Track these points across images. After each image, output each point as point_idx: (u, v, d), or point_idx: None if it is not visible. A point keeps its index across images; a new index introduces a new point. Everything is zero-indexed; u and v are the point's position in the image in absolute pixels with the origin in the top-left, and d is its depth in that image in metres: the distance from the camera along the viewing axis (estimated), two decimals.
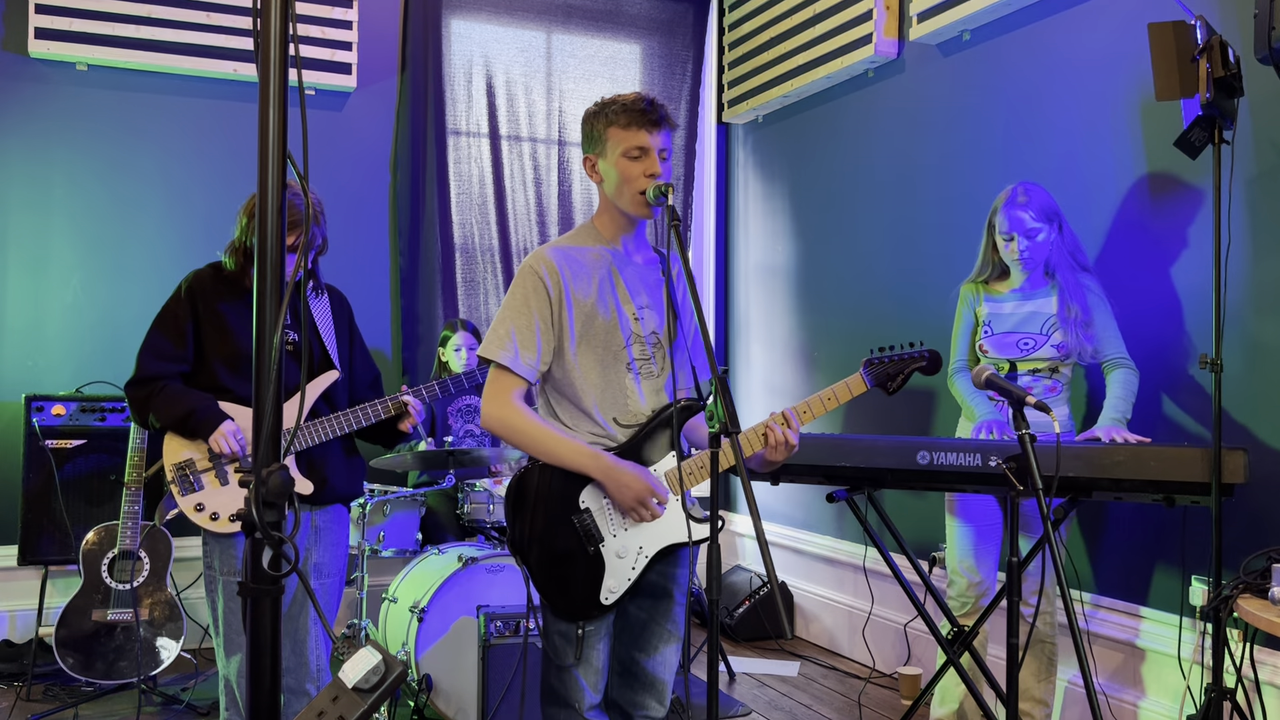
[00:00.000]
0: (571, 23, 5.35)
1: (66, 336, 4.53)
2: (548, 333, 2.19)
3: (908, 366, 2.37)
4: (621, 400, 2.23)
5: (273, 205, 1.31)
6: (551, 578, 2.16)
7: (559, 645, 2.19)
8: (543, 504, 2.16)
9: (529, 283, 2.19)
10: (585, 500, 2.17)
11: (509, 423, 2.17)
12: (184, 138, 4.70)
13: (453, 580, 3.44)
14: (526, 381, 2.19)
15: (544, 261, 2.20)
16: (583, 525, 2.16)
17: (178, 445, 2.70)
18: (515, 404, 2.18)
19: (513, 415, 2.17)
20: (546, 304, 2.19)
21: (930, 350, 2.39)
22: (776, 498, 5.10)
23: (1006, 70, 3.90)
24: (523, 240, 5.24)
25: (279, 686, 1.31)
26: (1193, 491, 2.62)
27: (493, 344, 2.19)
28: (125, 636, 3.89)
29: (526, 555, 2.17)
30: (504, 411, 2.17)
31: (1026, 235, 3.06)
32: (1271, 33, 2.53)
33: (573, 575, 2.15)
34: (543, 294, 2.18)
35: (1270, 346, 3.02)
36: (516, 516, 2.19)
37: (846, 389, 2.31)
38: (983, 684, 3.10)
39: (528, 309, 2.18)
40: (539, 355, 2.19)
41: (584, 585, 2.16)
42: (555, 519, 2.16)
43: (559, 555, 2.15)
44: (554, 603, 2.17)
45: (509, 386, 2.18)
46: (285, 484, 1.27)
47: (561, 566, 2.15)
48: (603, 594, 2.17)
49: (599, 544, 2.17)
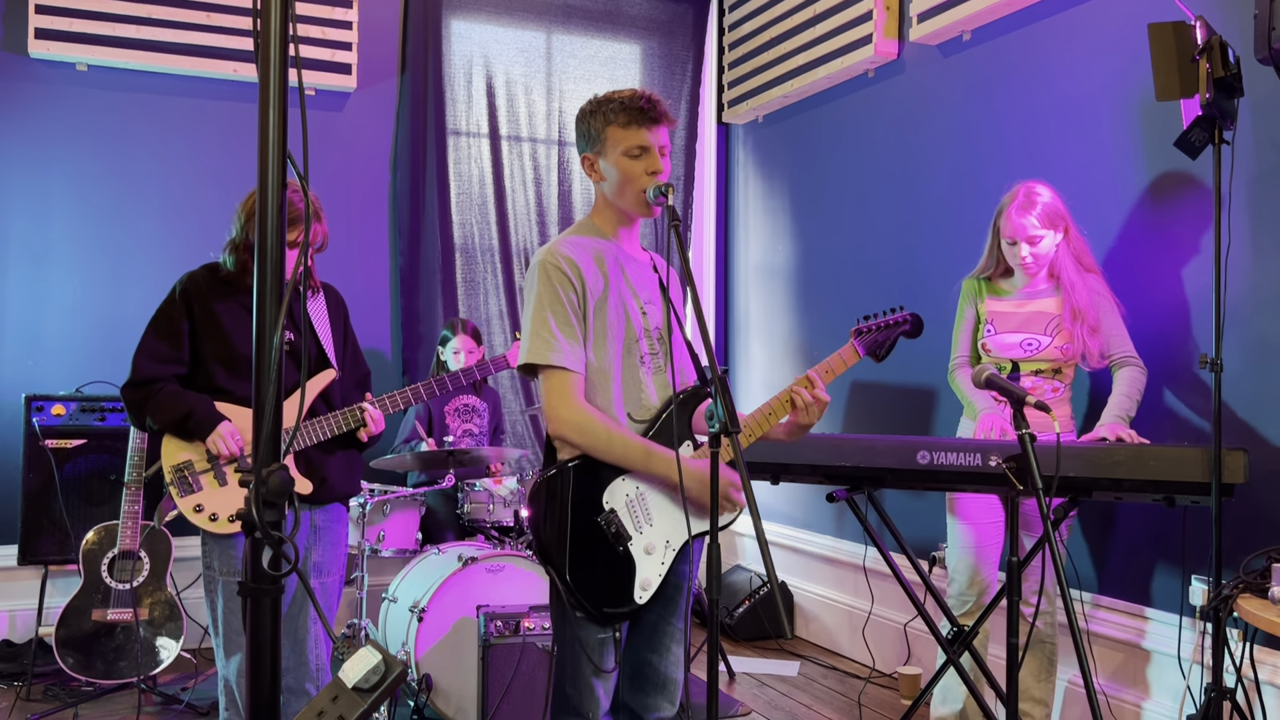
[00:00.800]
0: (571, 23, 5.35)
1: (66, 336, 4.53)
2: (582, 325, 2.15)
3: (893, 332, 2.42)
4: (636, 395, 2.21)
5: (273, 205, 1.31)
6: (584, 582, 2.10)
7: (593, 652, 2.14)
8: (569, 508, 2.11)
9: (555, 278, 2.14)
10: (608, 500, 2.13)
11: (587, 428, 2.10)
12: (184, 138, 4.70)
13: (453, 580, 3.44)
14: (581, 376, 2.14)
15: (562, 256, 2.16)
16: (609, 525, 2.12)
17: (175, 446, 2.70)
18: (586, 406, 2.12)
19: (589, 420, 2.11)
20: (575, 296, 2.15)
21: (912, 314, 2.44)
22: (776, 498, 5.09)
23: (1006, 70, 3.90)
24: (523, 240, 5.24)
25: (279, 686, 1.31)
26: (1193, 491, 2.62)
27: (539, 347, 2.12)
28: (125, 636, 3.89)
29: (559, 563, 2.11)
30: (579, 416, 2.11)
31: (1029, 241, 3.05)
32: (1271, 33, 2.53)
33: (607, 577, 2.11)
34: (569, 287, 2.14)
35: (1270, 346, 3.02)
36: (545, 523, 2.12)
37: (841, 360, 2.35)
38: (983, 684, 3.10)
39: (560, 304, 2.13)
40: (581, 348, 2.14)
41: (618, 586, 2.12)
42: (583, 522, 2.11)
43: (591, 558, 2.11)
44: (590, 607, 2.10)
45: (571, 386, 2.12)
46: (285, 484, 1.27)
47: (594, 569, 2.11)
48: (636, 592, 2.13)
49: (627, 542, 2.13)
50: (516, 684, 3.18)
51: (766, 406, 2.25)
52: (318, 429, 2.75)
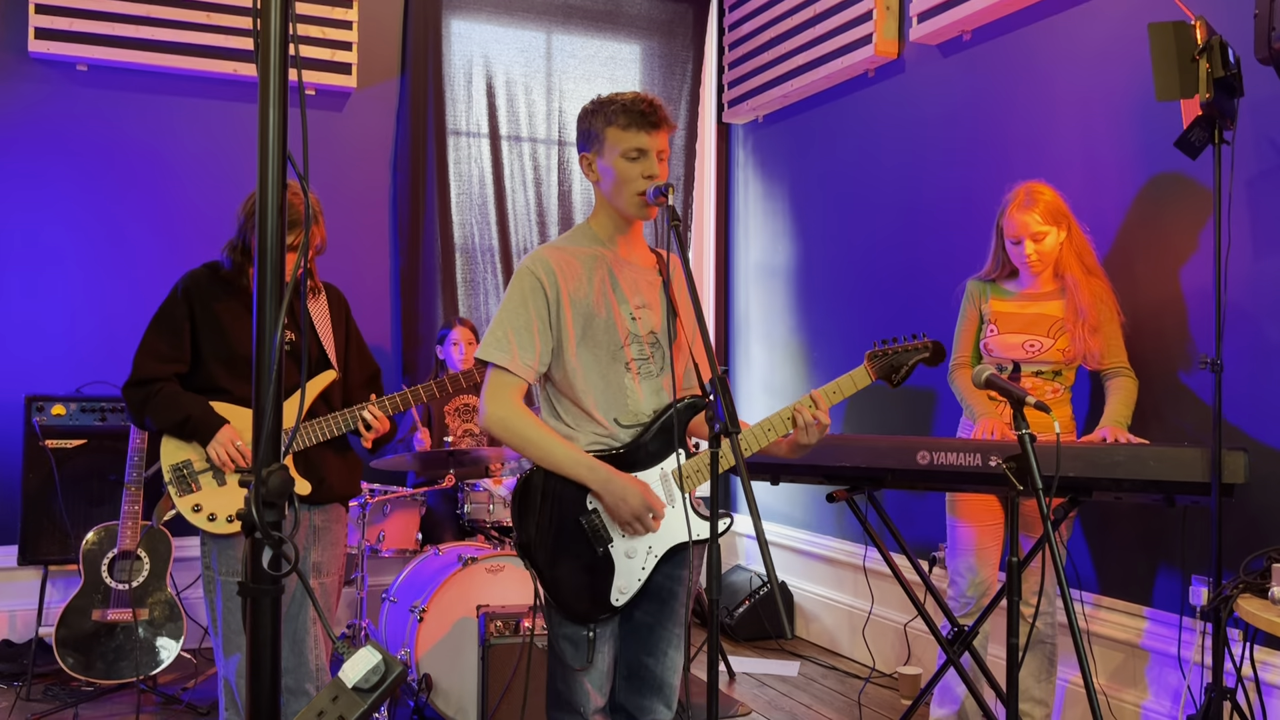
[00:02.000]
0: (571, 23, 5.35)
1: (66, 336, 4.52)
2: (545, 333, 2.19)
3: (911, 358, 2.37)
4: (621, 400, 2.22)
5: (273, 205, 1.31)
6: (561, 580, 2.14)
7: (567, 649, 2.17)
8: (550, 505, 2.15)
9: (526, 284, 2.18)
10: (593, 500, 2.15)
11: (509, 425, 2.16)
12: (184, 138, 4.70)
13: (453, 580, 3.44)
14: (525, 382, 2.18)
15: (541, 262, 2.19)
16: (591, 526, 2.15)
17: (174, 446, 2.70)
18: (516, 405, 2.17)
19: (513, 417, 2.16)
20: (544, 304, 2.18)
21: (933, 341, 2.39)
22: (776, 498, 5.09)
23: (1006, 70, 3.90)
24: (523, 240, 5.24)
25: (278, 686, 1.31)
26: (1193, 491, 2.62)
27: (490, 345, 2.18)
28: (125, 636, 3.88)
29: (535, 557, 2.15)
30: (505, 412, 2.16)
31: (1033, 239, 3.06)
32: (1271, 33, 2.53)
33: (582, 577, 2.14)
34: (540, 295, 2.18)
35: (1270, 346, 3.02)
36: (524, 518, 2.17)
37: (851, 382, 2.31)
38: (983, 684, 3.10)
39: (525, 310, 2.18)
40: (538, 356, 2.18)
41: (594, 587, 2.15)
42: (563, 520, 2.15)
43: (568, 557, 2.14)
44: (564, 605, 2.15)
45: (509, 387, 2.17)
46: (285, 484, 1.27)
47: (571, 568, 2.14)
48: (613, 595, 2.16)
49: (608, 544, 2.16)
50: (516, 684, 3.18)
51: (767, 421, 2.26)
52: (316, 430, 2.74)
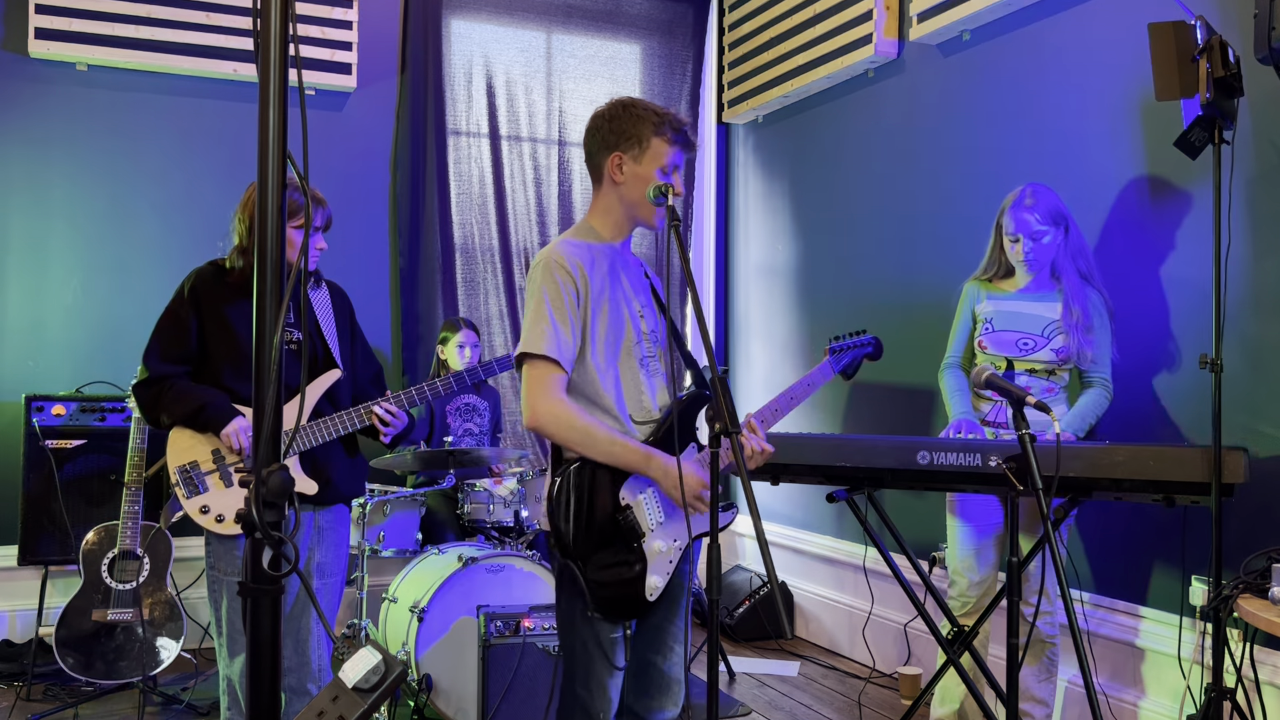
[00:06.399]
0: (571, 23, 5.35)
1: (66, 336, 4.52)
2: (578, 327, 2.17)
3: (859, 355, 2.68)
4: (637, 397, 2.23)
5: (273, 205, 1.31)
6: (606, 581, 2.12)
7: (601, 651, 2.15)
8: (588, 506, 2.13)
9: (558, 276, 2.16)
10: (624, 496, 2.15)
11: (566, 419, 2.11)
12: (184, 138, 4.70)
13: (453, 580, 3.44)
14: (567, 375, 2.16)
15: (566, 257, 2.18)
16: (627, 523, 2.14)
17: (181, 447, 2.69)
18: (565, 398, 2.14)
19: (566, 410, 2.12)
20: (575, 298, 2.16)
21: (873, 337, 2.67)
22: (776, 498, 5.09)
23: (1006, 70, 3.90)
24: (523, 240, 5.24)
25: (279, 686, 1.31)
26: (1193, 491, 2.62)
27: (534, 338, 2.14)
28: (125, 636, 3.89)
29: (584, 560, 2.12)
30: (556, 407, 2.12)
31: (1032, 237, 3.07)
32: (1271, 33, 2.54)
33: (624, 575, 2.13)
34: (570, 288, 2.16)
35: (1270, 346, 3.02)
36: (568, 522, 2.12)
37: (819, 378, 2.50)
38: (983, 684, 3.10)
39: (561, 303, 2.15)
40: (574, 348, 2.16)
41: (633, 584, 2.14)
42: (605, 520, 2.14)
43: (614, 556, 2.13)
44: (604, 604, 2.12)
45: (555, 381, 2.13)
46: (285, 484, 1.27)
47: (616, 568, 2.13)
48: (647, 591, 2.15)
49: (641, 540, 2.15)
50: (516, 684, 3.18)
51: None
52: (323, 429, 2.74)
